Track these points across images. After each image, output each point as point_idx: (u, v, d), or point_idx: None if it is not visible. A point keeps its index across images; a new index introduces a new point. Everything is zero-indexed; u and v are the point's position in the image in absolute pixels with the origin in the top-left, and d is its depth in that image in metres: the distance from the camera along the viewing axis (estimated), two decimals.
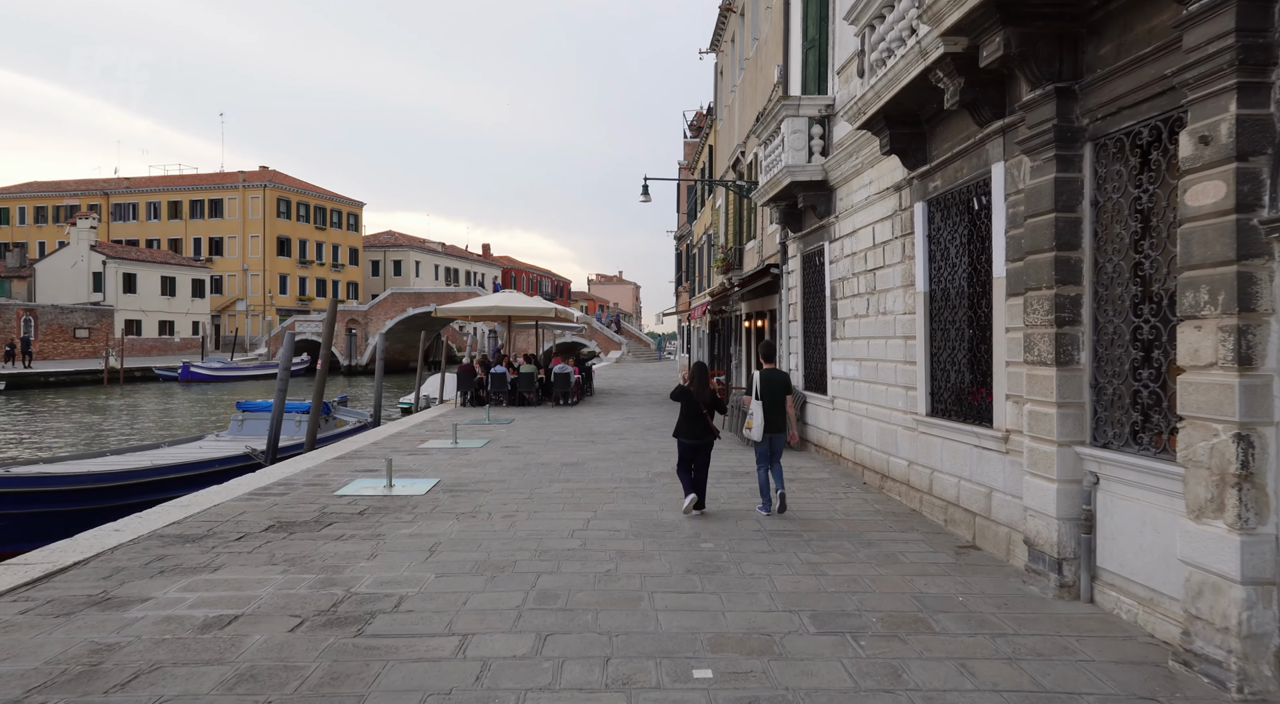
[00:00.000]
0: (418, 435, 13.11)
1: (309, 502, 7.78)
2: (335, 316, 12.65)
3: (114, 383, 38.00)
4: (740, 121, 18.23)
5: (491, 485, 8.76)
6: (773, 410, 7.42)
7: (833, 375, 10.23)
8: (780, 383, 7.53)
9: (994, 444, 6.03)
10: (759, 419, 7.39)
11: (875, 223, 8.62)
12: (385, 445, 11.87)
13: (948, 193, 6.87)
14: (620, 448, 11.75)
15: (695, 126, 37.81)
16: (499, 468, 9.89)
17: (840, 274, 9.86)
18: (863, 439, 9.13)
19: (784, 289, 12.61)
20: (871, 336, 8.78)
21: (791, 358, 12.31)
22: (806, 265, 11.57)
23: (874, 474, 8.73)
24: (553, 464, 10.19)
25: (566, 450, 11.46)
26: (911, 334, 7.64)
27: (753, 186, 15.38)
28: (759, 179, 14.60)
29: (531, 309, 18.94)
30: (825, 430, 10.61)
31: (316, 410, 12.44)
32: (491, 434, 13.36)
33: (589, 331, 51.91)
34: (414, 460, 10.43)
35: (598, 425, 14.87)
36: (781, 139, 10.52)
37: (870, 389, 8.83)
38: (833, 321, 10.20)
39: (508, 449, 11.55)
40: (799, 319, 11.88)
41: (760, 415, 7.39)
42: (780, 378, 7.56)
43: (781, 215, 11.74)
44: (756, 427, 7.39)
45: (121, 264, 48.16)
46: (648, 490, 8.53)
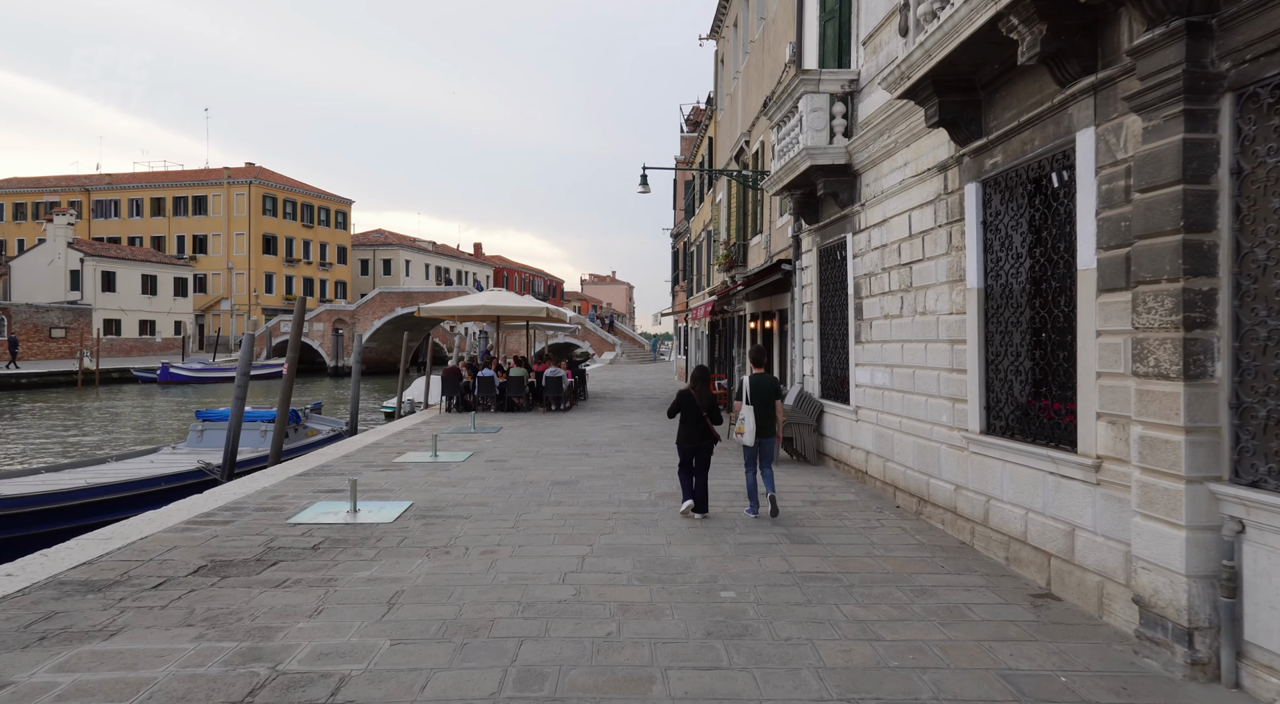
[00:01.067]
0: (395, 447, 11.96)
1: (256, 532, 6.64)
2: (303, 316, 11.50)
3: (89, 385, 36.64)
4: (744, 110, 17.16)
5: (472, 510, 7.64)
6: (763, 415, 7.45)
7: (856, 383, 9.14)
8: (770, 387, 7.55)
9: (1078, 472, 4.94)
10: (750, 424, 7.43)
11: (912, 210, 7.53)
12: (357, 459, 10.72)
13: (1011, 170, 5.79)
14: (617, 462, 10.64)
15: (692, 121, 36.76)
16: (482, 487, 8.76)
17: (866, 269, 8.78)
18: (894, 456, 8.04)
19: (797, 287, 11.53)
20: (906, 340, 7.70)
21: (806, 363, 11.23)
22: (824, 260, 10.48)
23: (909, 497, 7.65)
24: (542, 483, 9.06)
25: (558, 465, 10.33)
26: (960, 337, 6.56)
27: (760, 176, 14.30)
28: (769, 167, 13.52)
29: (522, 309, 17.82)
30: (847, 444, 9.52)
31: (282, 420, 11.29)
32: (476, 445, 12.22)
33: (582, 332, 50.76)
34: (387, 478, 9.29)
35: (592, 435, 13.75)
36: (799, 119, 9.43)
37: (905, 400, 7.74)
38: (856, 323, 9.12)
39: (493, 464, 10.42)
40: (814, 320, 10.79)
41: (751, 420, 7.42)
42: (770, 382, 7.59)
43: (796, 205, 10.65)
44: (748, 431, 7.43)
45: (100, 262, 46.74)
46: (651, 515, 7.42)
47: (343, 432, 14.98)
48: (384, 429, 14.28)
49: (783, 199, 12.71)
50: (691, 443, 7.39)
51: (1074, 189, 5.03)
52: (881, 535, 6.74)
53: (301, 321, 11.48)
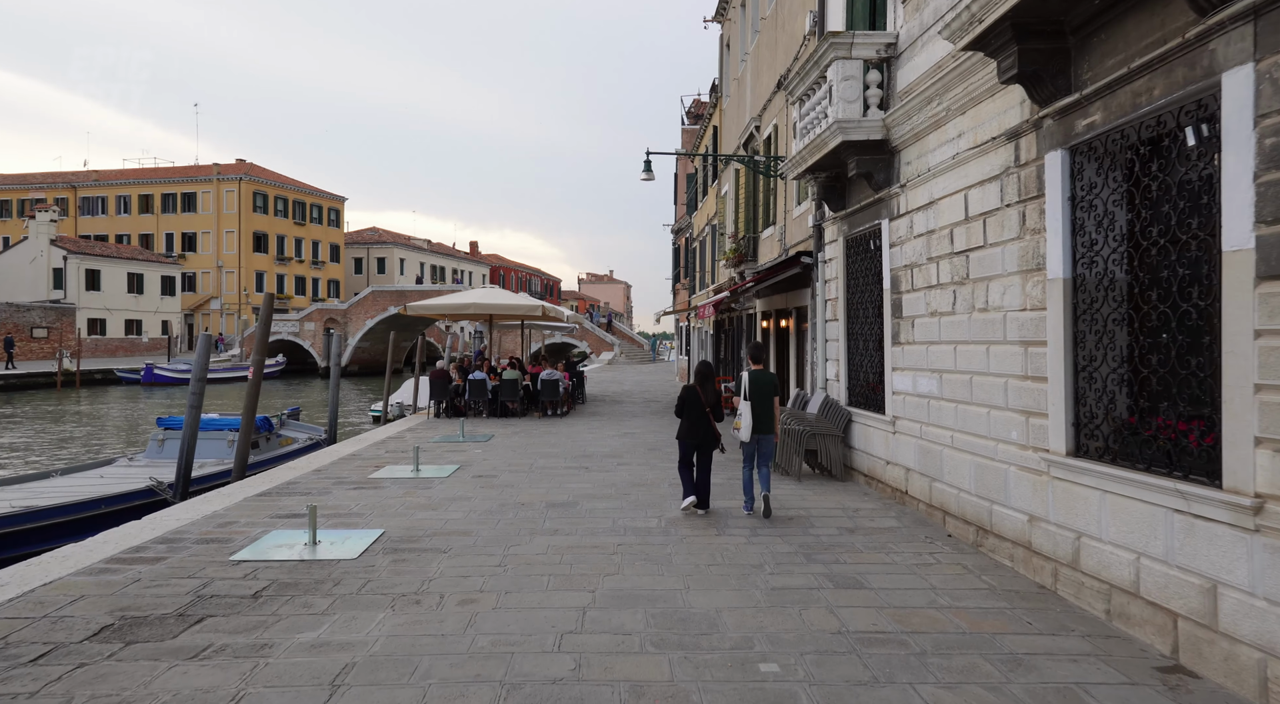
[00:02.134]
0: (373, 459, 10.81)
1: (188, 574, 5.50)
2: (270, 314, 10.36)
3: (69, 386, 35.43)
4: (753, 94, 16.03)
5: (452, 541, 6.50)
6: (761, 411, 7.44)
7: (894, 390, 8.02)
8: (768, 384, 7.53)
9: (1224, 513, 3.82)
10: (747, 420, 7.42)
11: (970, 187, 6.41)
12: (330, 474, 9.57)
13: (1116, 131, 4.67)
14: (621, 478, 9.50)
15: (694, 113, 35.67)
16: (466, 510, 7.63)
17: (907, 260, 7.66)
18: (944, 476, 6.93)
19: (818, 282, 10.40)
20: (961, 341, 6.58)
21: (829, 366, 10.10)
22: (852, 251, 9.36)
23: (964, 524, 6.53)
24: (536, 504, 7.93)
25: (554, 481, 9.20)
26: (1037, 338, 5.44)
27: (774, 162, 13.17)
28: (782, 152, 12.40)
29: (516, 307, 16.67)
30: (881, 459, 8.40)
31: (247, 430, 10.14)
32: (464, 456, 11.08)
33: (579, 332, 49.62)
34: (359, 498, 8.15)
35: (592, 444, 12.61)
36: (828, 90, 8.30)
37: (958, 411, 6.62)
38: (894, 321, 8.00)
39: (481, 480, 9.28)
40: (840, 318, 9.67)
41: (749, 416, 7.42)
42: (768, 379, 7.58)
43: (820, 190, 9.52)
44: (745, 428, 7.42)
45: (84, 259, 45.49)
46: (662, 548, 6.29)
47: (321, 440, 13.83)
48: (365, 438, 13.14)
49: (802, 185, 11.60)
50: (694, 438, 7.46)
51: (1216, 147, 3.91)
52: (941, 576, 5.62)
53: (269, 320, 10.34)
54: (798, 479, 9.24)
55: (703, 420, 7.45)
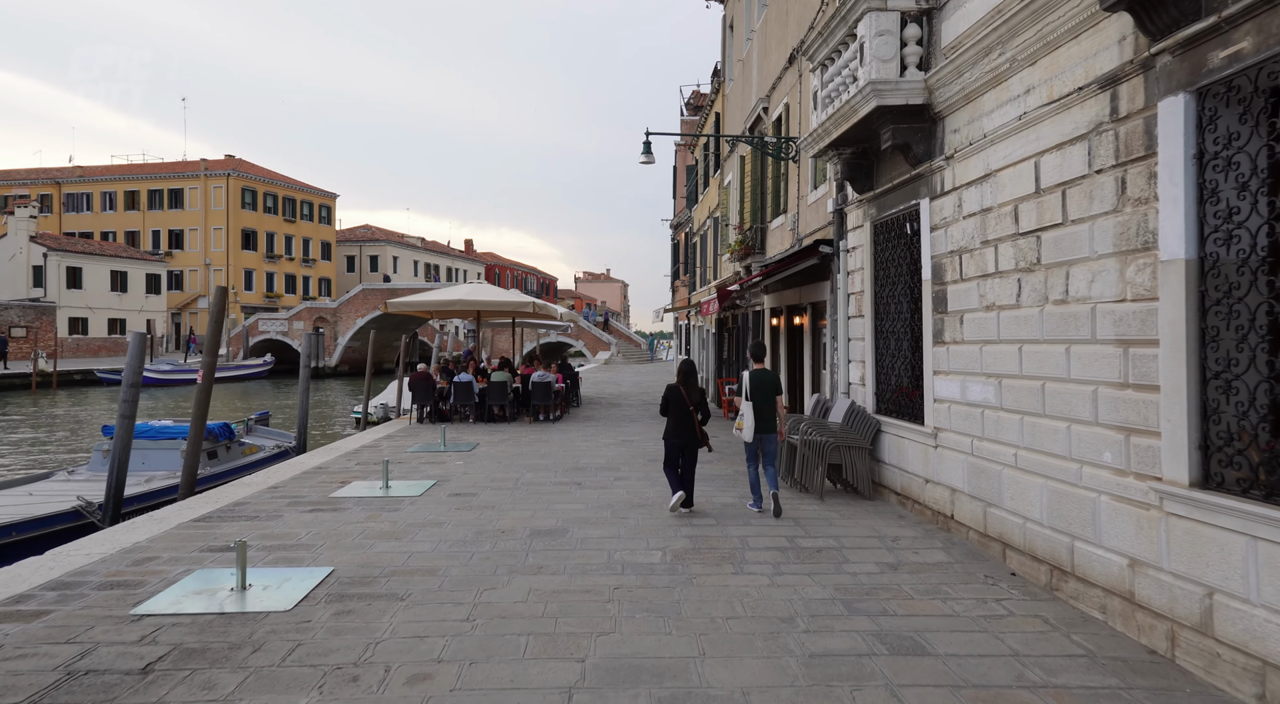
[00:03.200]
0: (340, 473, 9.65)
1: (70, 638, 4.34)
2: (223, 310, 9.19)
3: (45, 388, 34.18)
4: (760, 74, 14.89)
5: (413, 583, 5.35)
6: (763, 410, 7.36)
7: (935, 396, 6.89)
8: (770, 383, 7.46)
9: None
10: (749, 419, 7.33)
11: (1043, 153, 5.27)
12: (286, 492, 8.41)
13: (1270, 62, 3.53)
14: (618, 496, 8.35)
15: (694, 105, 34.51)
16: (435, 540, 6.47)
17: (955, 244, 6.52)
18: (1004, 501, 5.79)
19: (839, 273, 9.26)
20: (1029, 340, 5.44)
21: (853, 369, 8.96)
22: (882, 238, 8.22)
23: (1031, 561, 5.39)
24: (518, 532, 6.77)
25: (541, 501, 8.04)
26: (1144, 336, 4.31)
27: (785, 144, 12.03)
28: (797, 130, 11.25)
29: (505, 303, 15.50)
30: (919, 477, 7.26)
31: (195, 441, 8.96)
32: (443, 469, 9.92)
33: (575, 330, 48.43)
34: (313, 524, 6.99)
35: (586, 454, 11.46)
36: (858, 48, 7.15)
37: (1025, 425, 5.49)
38: (936, 318, 6.86)
39: (458, 499, 8.12)
40: (866, 314, 8.53)
41: (751, 416, 7.33)
42: (770, 378, 7.51)
43: (844, 169, 8.38)
44: (747, 427, 7.34)
45: (65, 257, 44.16)
46: (669, 595, 5.15)
47: (289, 449, 12.65)
48: (337, 446, 11.97)
49: (820, 165, 10.45)
50: (679, 438, 7.42)
51: None
52: (1019, 634, 4.48)
53: (221, 317, 9.17)
54: (820, 498, 8.11)
55: (687, 419, 7.45)
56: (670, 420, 7.54)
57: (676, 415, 7.48)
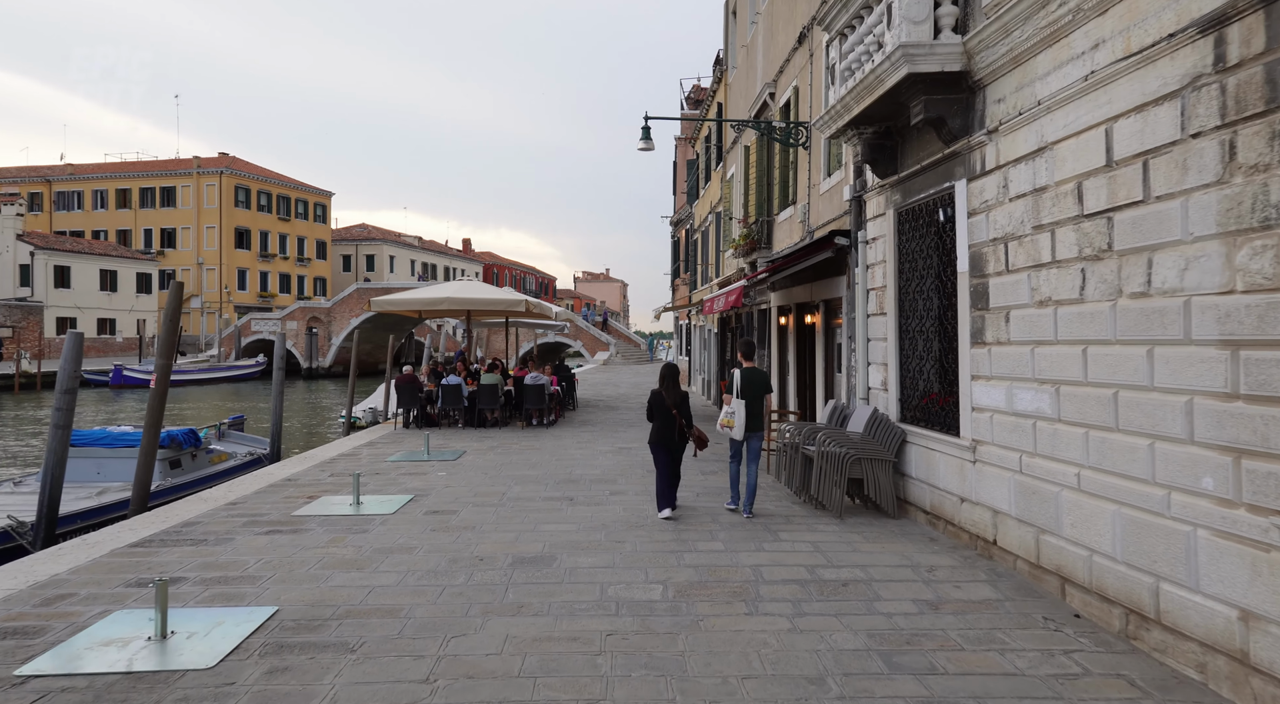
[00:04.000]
0: (311, 485, 8.81)
1: None
2: (179, 306, 8.36)
3: (29, 389, 33.33)
4: (766, 59, 14.06)
5: (369, 627, 4.51)
6: (753, 408, 7.30)
7: (974, 404, 6.05)
8: (760, 382, 7.41)
9: None
10: (740, 418, 7.27)
11: (1117, 118, 4.43)
12: (245, 509, 7.57)
13: None
14: (613, 514, 7.51)
15: (694, 99, 33.68)
16: (403, 570, 5.63)
17: (999, 231, 5.68)
18: (1063, 528, 4.95)
19: (858, 267, 8.43)
20: (1097, 340, 4.60)
21: (873, 372, 8.12)
22: (908, 226, 7.39)
23: (1101, 602, 4.56)
24: (499, 560, 5.93)
25: (527, 520, 7.20)
26: (1261, 336, 3.48)
27: (795, 129, 11.19)
28: (809, 114, 10.42)
29: (497, 301, 14.66)
30: (953, 494, 6.42)
31: (149, 450, 8.13)
32: (422, 482, 9.08)
33: (573, 331, 47.59)
34: (266, 549, 6.15)
35: (580, 463, 10.62)
36: (885, 8, 6.31)
37: (1092, 441, 4.65)
38: (975, 315, 6.02)
39: (435, 518, 7.28)
40: (889, 312, 7.69)
41: (742, 414, 7.26)
42: (760, 377, 7.46)
43: (865, 151, 7.55)
44: (738, 425, 7.29)
45: (53, 255, 43.31)
46: (672, 645, 4.31)
47: (261, 456, 11.81)
48: (313, 454, 11.13)
49: (834, 151, 9.62)
50: (664, 442, 7.41)
51: None
52: (1104, 703, 3.64)
53: (177, 314, 8.34)
54: (839, 516, 7.27)
55: (671, 423, 7.44)
56: (654, 425, 7.55)
57: (660, 420, 7.51)
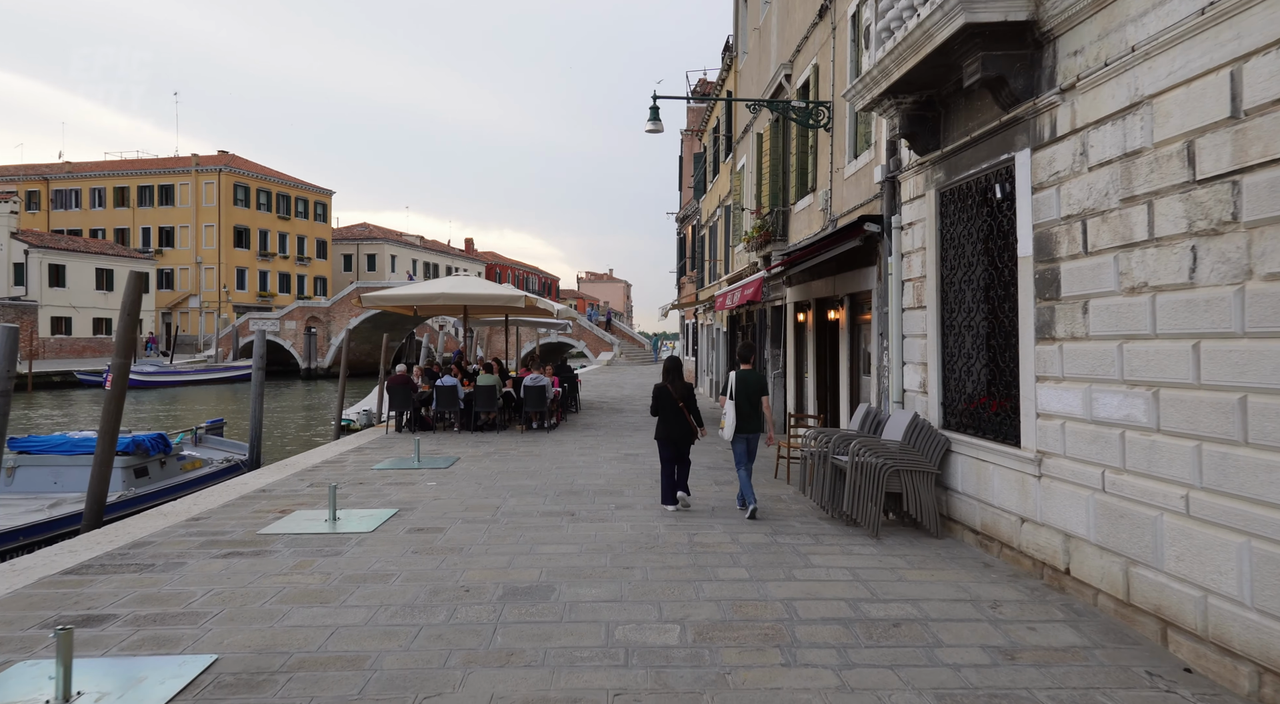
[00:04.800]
0: (286, 496, 7.99)
1: None
2: (137, 304, 7.55)
3: (20, 390, 32.58)
4: (780, 39, 13.23)
5: (325, 684, 3.69)
6: (747, 410, 7.27)
7: (1041, 409, 5.21)
8: (755, 383, 7.35)
9: None
10: (730, 419, 7.28)
11: (1249, 56, 3.58)
12: (207, 526, 6.75)
13: None
14: (620, 533, 6.67)
15: (700, 93, 32.85)
16: (375, 605, 4.80)
17: (1077, 205, 4.84)
18: (1165, 562, 4.10)
19: (891, 255, 7.58)
20: (1211, 333, 3.77)
21: (908, 373, 7.27)
22: (952, 208, 6.54)
23: (1221, 655, 3.71)
24: (488, 590, 5.10)
25: (523, 540, 6.37)
26: None
27: (816, 110, 10.35)
28: (831, 93, 9.58)
29: (494, 298, 13.84)
30: (1012, 513, 5.58)
31: (104, 458, 7.32)
32: (409, 493, 8.25)
33: (576, 330, 46.78)
34: (220, 577, 5.32)
35: (582, 471, 9.79)
36: None
37: (1204, 456, 3.80)
38: (1042, 306, 5.18)
39: (418, 538, 6.45)
40: (930, 304, 6.85)
41: (732, 415, 7.26)
42: (756, 378, 7.40)
43: (903, 123, 6.70)
44: (728, 426, 7.29)
45: (47, 254, 42.61)
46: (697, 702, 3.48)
47: (239, 463, 10.99)
48: (294, 461, 10.31)
49: (863, 130, 8.78)
50: (671, 436, 7.42)
51: None
52: None
53: (135, 308, 7.53)
54: (875, 534, 6.43)
55: (678, 417, 7.45)
56: (660, 420, 7.51)
57: (666, 414, 7.49)
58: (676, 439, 7.43)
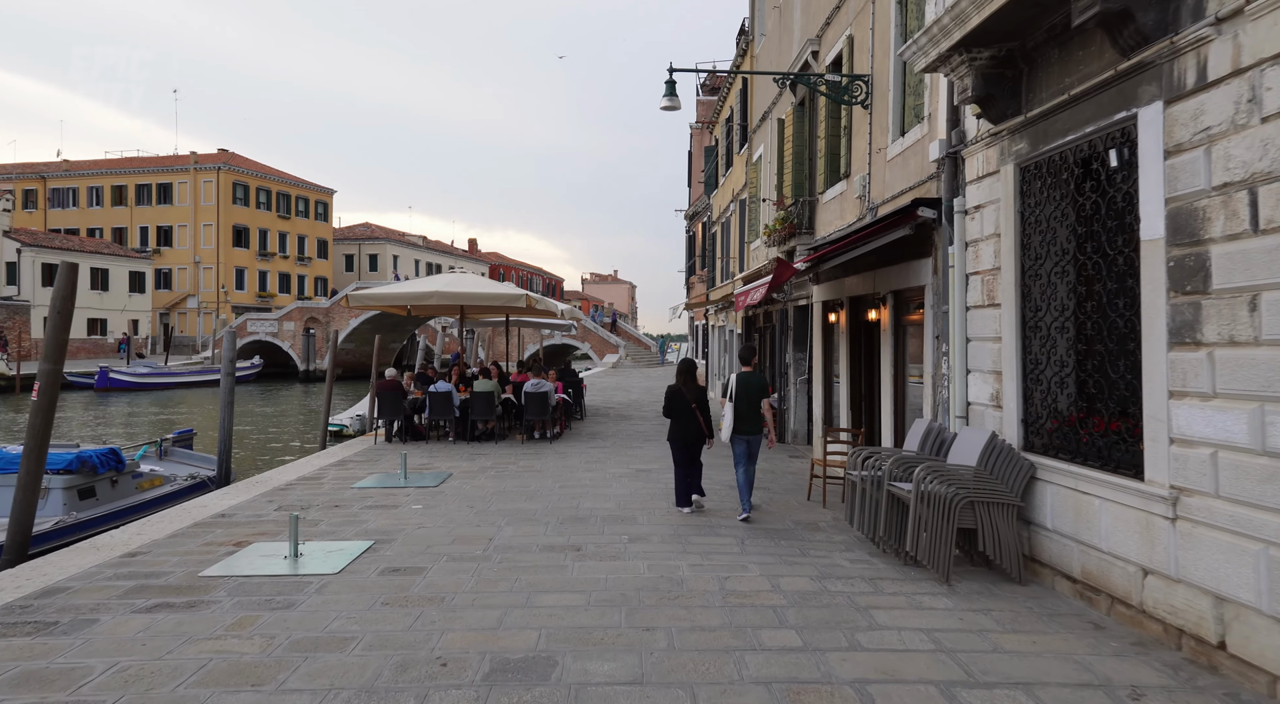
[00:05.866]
0: (249, 522, 6.88)
1: None
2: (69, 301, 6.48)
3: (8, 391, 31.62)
4: (805, 14, 12.11)
5: None
6: (747, 412, 7.29)
7: (1179, 433, 4.07)
8: (756, 386, 7.36)
9: None
10: (729, 420, 7.29)
11: None
12: (143, 564, 5.65)
13: None
14: (637, 575, 5.54)
15: (709, 86, 31.78)
16: (323, 684, 3.68)
17: (1237, 171, 3.71)
18: None
19: (953, 244, 6.45)
20: None
21: (974, 383, 6.12)
22: (1038, 185, 5.40)
23: None
24: (470, 664, 3.97)
25: (518, 586, 5.24)
26: None
27: (854, 85, 9.23)
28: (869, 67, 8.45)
29: (493, 296, 12.73)
30: (1131, 562, 4.43)
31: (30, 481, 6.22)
32: (391, 519, 7.14)
33: (580, 332, 45.68)
34: (136, 639, 4.22)
35: (589, 492, 8.66)
36: None
37: None
38: (1179, 302, 4.05)
39: (391, 582, 5.33)
40: (1007, 302, 5.71)
41: (730, 416, 7.29)
42: (757, 380, 7.41)
43: (977, 84, 5.57)
44: (726, 428, 7.33)
45: (40, 253, 41.66)
46: None
47: (204, 480, 9.88)
48: (265, 478, 9.20)
49: (913, 100, 7.65)
50: (684, 439, 7.45)
51: None
52: None
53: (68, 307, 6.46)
54: (945, 580, 5.30)
55: (691, 419, 7.48)
56: (673, 422, 7.55)
57: (679, 416, 7.51)
58: (689, 441, 7.47)
